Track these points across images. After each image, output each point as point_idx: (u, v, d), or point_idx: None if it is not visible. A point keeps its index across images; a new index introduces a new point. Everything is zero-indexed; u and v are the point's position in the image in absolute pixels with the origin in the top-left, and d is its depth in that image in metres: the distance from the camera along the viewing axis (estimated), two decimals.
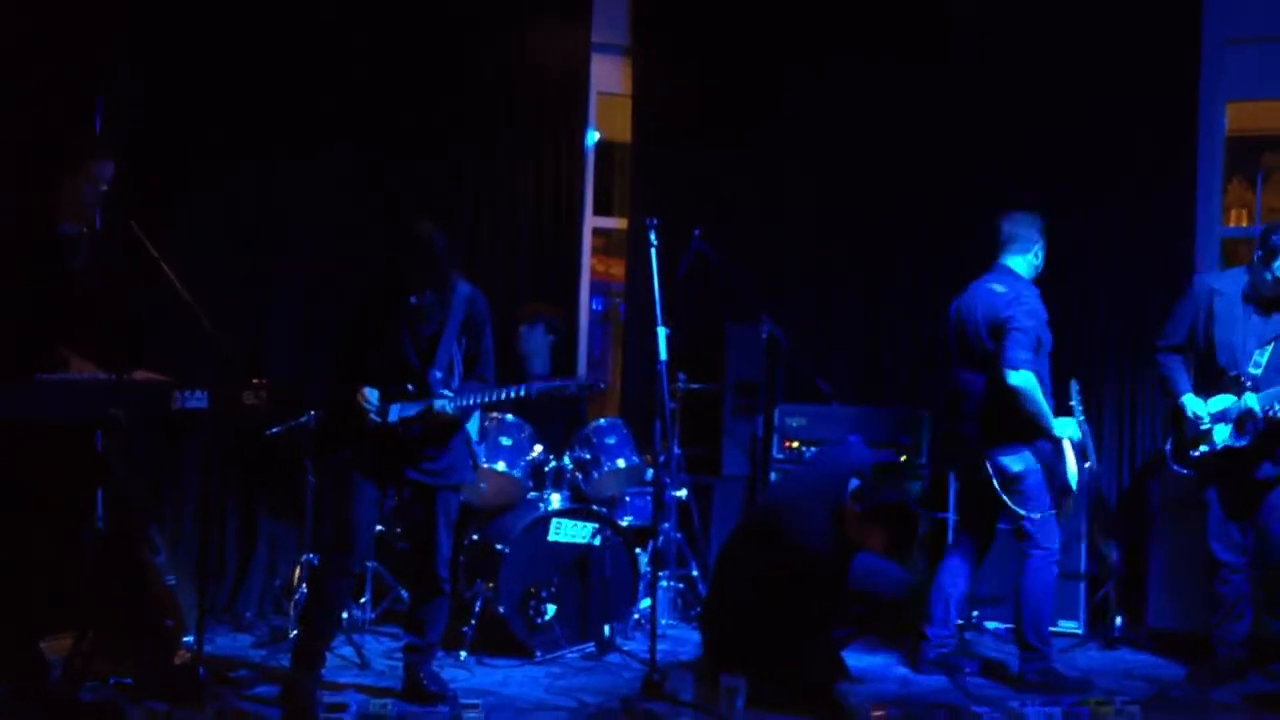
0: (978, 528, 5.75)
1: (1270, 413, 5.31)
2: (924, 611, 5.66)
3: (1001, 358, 5.34)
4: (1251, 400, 5.33)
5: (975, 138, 7.26)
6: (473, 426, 5.15)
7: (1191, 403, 5.50)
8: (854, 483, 5.10)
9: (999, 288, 5.48)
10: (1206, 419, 5.42)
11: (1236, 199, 8.21)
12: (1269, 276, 5.37)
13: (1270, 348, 5.38)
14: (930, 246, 7.32)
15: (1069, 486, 5.46)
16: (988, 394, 5.46)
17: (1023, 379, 5.31)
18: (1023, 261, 5.60)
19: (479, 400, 4.91)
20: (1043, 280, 5.71)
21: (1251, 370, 5.38)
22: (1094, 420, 6.80)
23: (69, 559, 4.59)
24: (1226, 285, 5.55)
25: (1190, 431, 5.51)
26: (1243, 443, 5.37)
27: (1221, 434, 5.41)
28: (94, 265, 4.55)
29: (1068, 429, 5.47)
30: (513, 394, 4.93)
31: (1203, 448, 5.46)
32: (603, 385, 5.38)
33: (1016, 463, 5.40)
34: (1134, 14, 7.13)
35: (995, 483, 5.40)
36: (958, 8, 7.30)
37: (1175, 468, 5.62)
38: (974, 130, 7.25)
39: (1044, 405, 5.38)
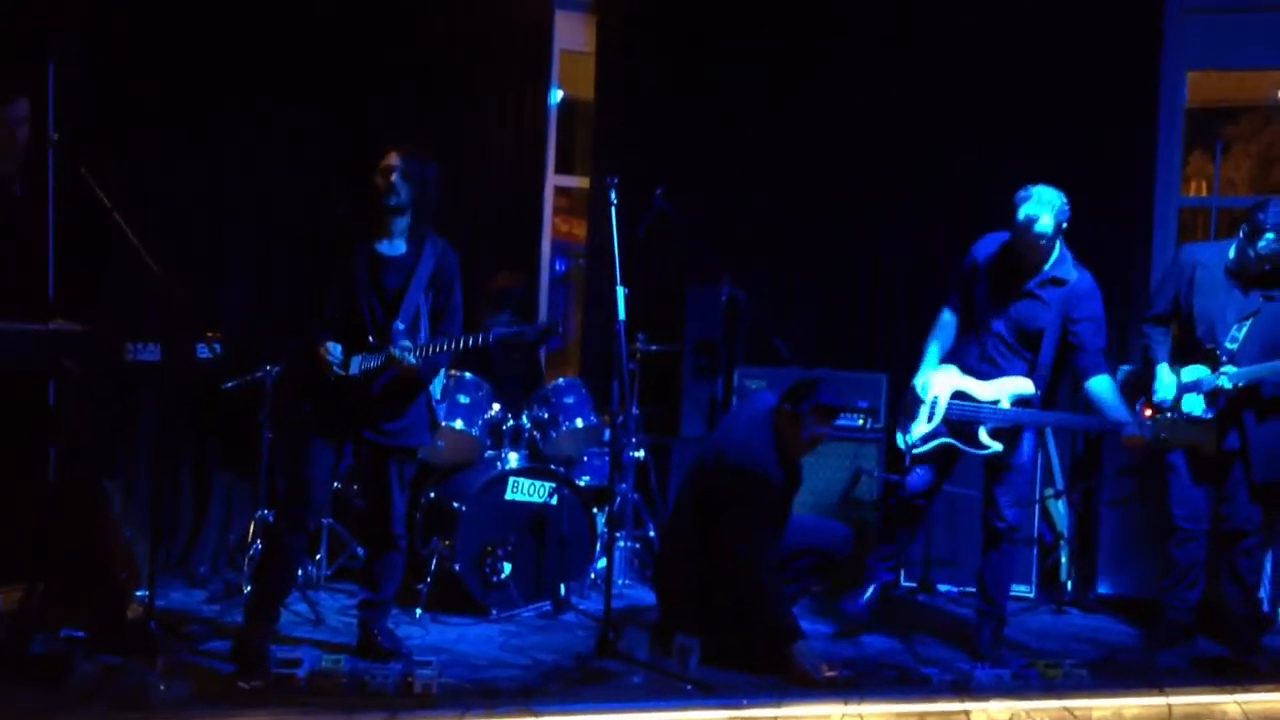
0: None
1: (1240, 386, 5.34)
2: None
3: None
4: (1224, 380, 5.33)
5: (938, 105, 7.26)
6: (436, 385, 5.12)
7: (1163, 374, 5.49)
8: (768, 399, 5.33)
9: None
10: (1174, 394, 5.43)
11: (1197, 170, 8.27)
12: (1252, 254, 5.32)
13: (1248, 324, 5.35)
14: (891, 211, 7.33)
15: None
16: None
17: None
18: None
19: (440, 349, 4.81)
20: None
21: (1228, 345, 5.36)
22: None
23: (20, 511, 4.55)
24: (1210, 257, 5.51)
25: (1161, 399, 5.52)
26: (1210, 414, 5.38)
27: (1191, 404, 5.43)
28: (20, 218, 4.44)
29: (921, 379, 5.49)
30: (472, 341, 4.82)
31: (1170, 415, 5.48)
32: (559, 329, 5.33)
33: None
34: None
35: None
36: None
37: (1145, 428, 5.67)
38: (937, 97, 7.25)
39: (927, 348, 5.48)
